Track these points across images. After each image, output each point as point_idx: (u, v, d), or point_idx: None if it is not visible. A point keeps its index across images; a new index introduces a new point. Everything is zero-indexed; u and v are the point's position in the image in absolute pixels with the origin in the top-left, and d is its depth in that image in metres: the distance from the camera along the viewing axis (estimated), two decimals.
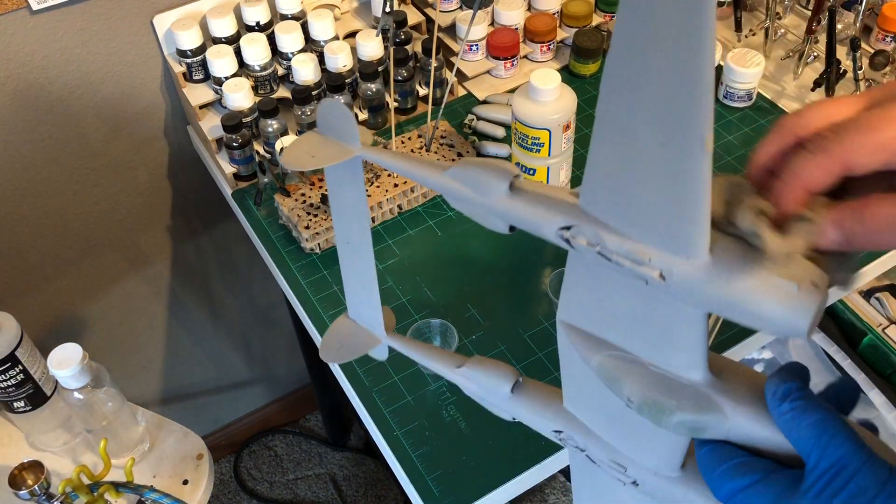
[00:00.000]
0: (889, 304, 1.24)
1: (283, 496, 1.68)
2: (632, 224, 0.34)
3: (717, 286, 0.32)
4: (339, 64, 1.02)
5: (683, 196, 0.31)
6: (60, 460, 0.89)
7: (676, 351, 0.36)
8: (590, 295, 0.38)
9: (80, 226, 1.17)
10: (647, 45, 0.28)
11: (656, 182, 0.32)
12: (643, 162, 0.31)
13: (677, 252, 0.33)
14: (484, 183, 0.40)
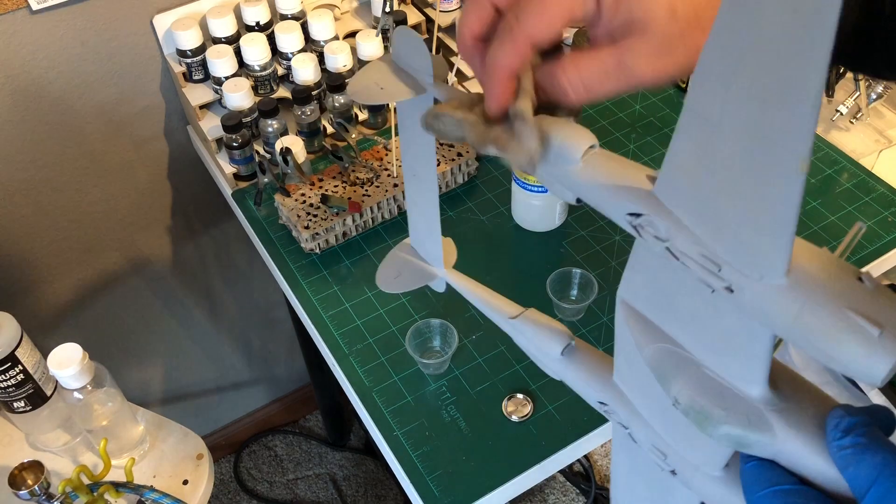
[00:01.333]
0: None
1: (283, 496, 1.68)
2: (707, 228, 0.31)
3: (789, 314, 0.29)
4: (339, 64, 1.02)
5: (769, 215, 0.28)
6: (60, 460, 0.89)
7: (736, 361, 0.33)
8: (652, 282, 0.35)
9: (80, 226, 1.17)
10: (754, 42, 0.26)
11: (740, 193, 0.29)
12: (729, 169, 0.29)
13: (752, 269, 0.30)
14: (558, 148, 0.38)
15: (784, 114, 0.26)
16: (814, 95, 0.25)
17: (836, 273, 0.29)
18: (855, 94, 1.02)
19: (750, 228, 0.29)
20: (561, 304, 0.86)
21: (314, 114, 1.01)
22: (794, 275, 0.29)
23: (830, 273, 0.29)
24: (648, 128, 1.07)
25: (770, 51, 0.25)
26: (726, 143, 0.28)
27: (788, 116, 0.26)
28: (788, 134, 0.26)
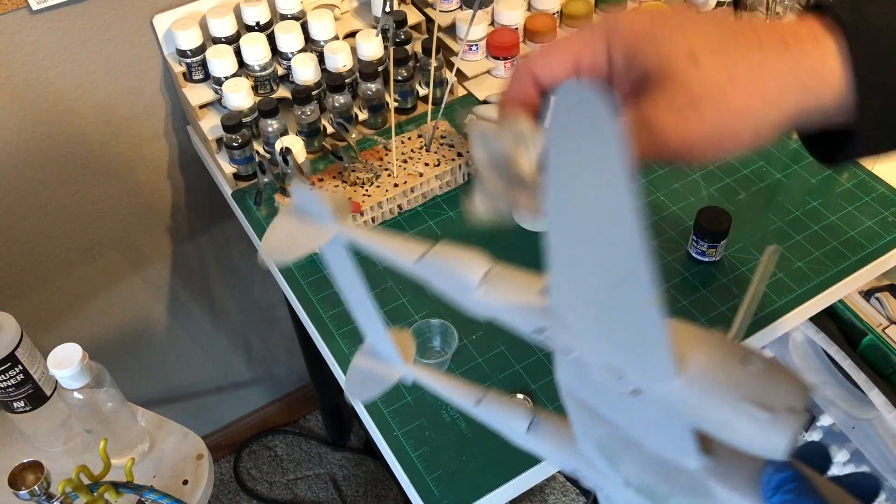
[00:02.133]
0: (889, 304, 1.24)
1: (283, 496, 1.68)
2: (598, 342, 0.34)
3: (690, 408, 0.32)
4: (338, 64, 1.02)
5: (640, 337, 0.31)
6: (60, 460, 0.89)
7: (668, 441, 0.35)
8: (579, 377, 0.37)
9: (80, 226, 1.17)
10: (580, 216, 0.29)
11: (611, 320, 0.32)
12: (596, 303, 0.32)
13: (646, 375, 0.33)
14: (454, 278, 0.39)
15: (623, 265, 0.29)
16: (636, 242, 0.28)
17: (723, 362, 0.32)
18: None
19: (630, 344, 0.32)
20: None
21: (314, 114, 1.01)
22: (688, 373, 0.32)
23: (719, 363, 0.32)
24: None
25: (595, 220, 0.29)
26: (587, 285, 0.31)
27: (628, 267, 0.29)
28: (635, 280, 0.29)
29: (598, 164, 0.27)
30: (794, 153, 1.03)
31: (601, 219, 0.29)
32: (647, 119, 0.34)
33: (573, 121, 0.26)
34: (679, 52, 0.34)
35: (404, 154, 0.99)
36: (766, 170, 1.01)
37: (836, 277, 0.89)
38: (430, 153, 0.99)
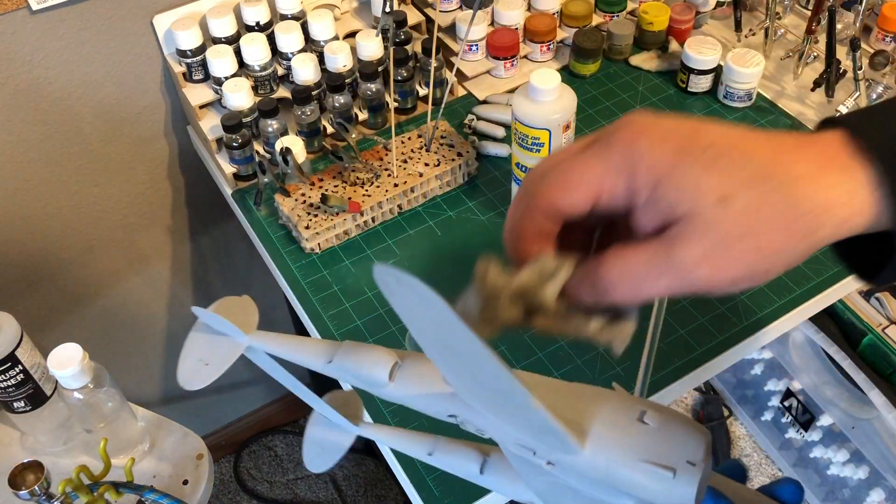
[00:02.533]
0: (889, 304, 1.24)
1: (283, 496, 1.68)
2: (503, 426, 0.36)
3: (601, 475, 0.34)
4: (338, 64, 1.02)
5: (532, 425, 0.34)
6: (60, 460, 0.89)
7: (599, 491, 0.37)
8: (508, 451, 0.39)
9: (80, 226, 1.17)
10: (440, 348, 0.32)
11: (503, 411, 0.35)
12: (483, 397, 0.35)
13: (553, 451, 0.35)
14: (366, 375, 0.41)
15: (487, 379, 0.32)
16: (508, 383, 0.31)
17: (622, 424, 0.34)
18: (855, 94, 1.02)
19: (528, 431, 0.35)
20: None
21: (314, 114, 1.01)
22: (590, 443, 0.34)
23: (618, 426, 0.34)
24: None
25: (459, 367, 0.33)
26: (472, 390, 0.35)
27: (492, 381, 0.32)
28: (502, 388, 0.32)
29: (429, 317, 0.30)
30: None
31: (452, 352, 0.32)
32: (674, 259, 0.33)
33: (401, 295, 0.30)
34: (708, 194, 0.32)
35: (404, 154, 0.99)
36: None
37: (836, 277, 0.89)
38: (430, 153, 0.99)
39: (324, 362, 0.43)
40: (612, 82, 1.14)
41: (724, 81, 1.07)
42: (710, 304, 0.87)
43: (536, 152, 0.87)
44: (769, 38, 1.12)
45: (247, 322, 0.45)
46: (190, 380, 0.44)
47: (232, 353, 0.44)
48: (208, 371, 0.44)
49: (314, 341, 0.45)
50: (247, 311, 0.44)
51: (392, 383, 0.40)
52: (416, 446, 0.46)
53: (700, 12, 1.19)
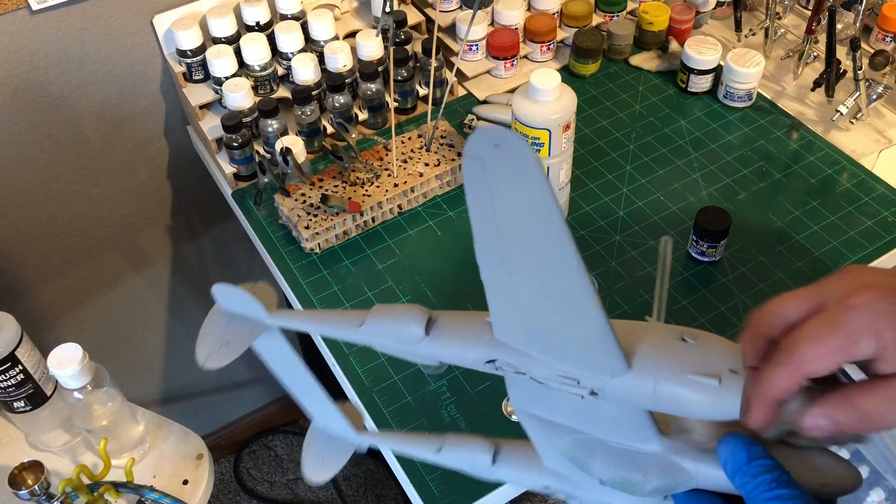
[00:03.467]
0: None
1: (283, 496, 1.68)
2: (550, 356, 0.37)
3: (647, 394, 0.35)
4: (339, 64, 1.02)
5: (587, 339, 0.34)
6: (60, 460, 0.89)
7: (629, 432, 0.38)
8: (535, 397, 0.40)
9: (80, 226, 1.17)
10: (511, 243, 0.32)
11: (558, 330, 0.35)
12: (541, 319, 0.35)
13: (601, 374, 0.36)
14: (400, 333, 0.40)
15: (560, 277, 0.32)
16: (574, 263, 0.31)
17: (666, 345, 0.35)
18: (855, 94, 1.02)
19: (580, 350, 0.35)
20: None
21: (314, 114, 1.01)
22: (636, 363, 0.35)
23: (662, 347, 0.35)
24: (648, 128, 1.07)
25: (524, 247, 0.32)
26: (530, 303, 0.34)
27: (564, 278, 0.32)
28: (572, 286, 0.32)
29: (522, 188, 0.30)
30: (793, 153, 1.03)
31: (533, 240, 0.31)
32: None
33: (494, 162, 0.29)
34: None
35: (404, 154, 0.99)
36: (766, 170, 1.01)
37: None
38: (430, 153, 0.99)
39: (355, 327, 0.42)
40: (612, 82, 1.14)
41: (724, 81, 1.07)
42: (710, 304, 0.87)
43: (536, 152, 0.87)
44: (769, 38, 1.12)
45: (268, 304, 0.44)
46: (209, 359, 0.45)
47: (253, 333, 0.44)
48: (228, 351, 0.44)
49: (340, 311, 0.44)
50: (266, 296, 0.44)
51: (428, 337, 0.40)
52: (422, 447, 0.46)
53: (700, 12, 1.19)
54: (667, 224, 0.95)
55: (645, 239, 0.94)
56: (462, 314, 0.41)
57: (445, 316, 0.41)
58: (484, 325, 0.39)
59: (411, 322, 0.40)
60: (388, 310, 0.42)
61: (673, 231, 0.94)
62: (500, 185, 0.30)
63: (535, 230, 0.31)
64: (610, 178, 1.01)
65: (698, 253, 0.90)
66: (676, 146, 1.04)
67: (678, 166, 1.02)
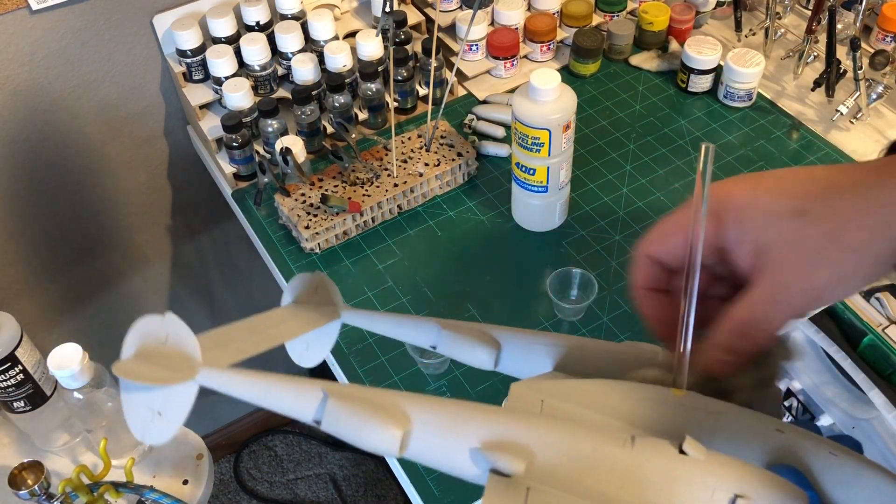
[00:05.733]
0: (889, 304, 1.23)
1: (283, 496, 1.68)
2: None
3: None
4: (338, 64, 1.02)
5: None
6: (60, 460, 0.89)
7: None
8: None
9: (80, 226, 1.17)
10: None
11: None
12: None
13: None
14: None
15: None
16: None
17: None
18: (855, 94, 1.02)
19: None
20: (561, 304, 0.86)
21: (314, 114, 1.01)
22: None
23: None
24: (648, 128, 1.07)
25: None
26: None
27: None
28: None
29: None
30: (793, 153, 1.03)
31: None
32: (774, 285, 0.35)
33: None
34: (785, 212, 0.35)
35: (404, 154, 0.99)
36: (766, 170, 1.01)
37: None
38: (430, 153, 0.99)
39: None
40: (612, 82, 1.14)
41: (724, 81, 1.07)
42: None
43: (536, 152, 0.87)
44: (769, 37, 1.12)
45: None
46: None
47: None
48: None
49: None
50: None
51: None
52: (418, 334, 0.44)
53: (700, 12, 1.19)
54: None
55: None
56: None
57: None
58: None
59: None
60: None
61: None
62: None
63: None
64: (610, 178, 1.01)
65: None
66: (676, 146, 1.04)
67: (678, 166, 1.02)
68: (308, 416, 0.37)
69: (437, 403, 0.35)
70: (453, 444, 0.34)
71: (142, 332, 0.39)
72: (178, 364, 0.38)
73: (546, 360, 0.42)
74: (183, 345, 0.38)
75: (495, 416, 0.34)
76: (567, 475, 0.33)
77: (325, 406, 0.37)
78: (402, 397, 0.36)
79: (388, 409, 0.35)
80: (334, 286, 0.46)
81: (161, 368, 0.38)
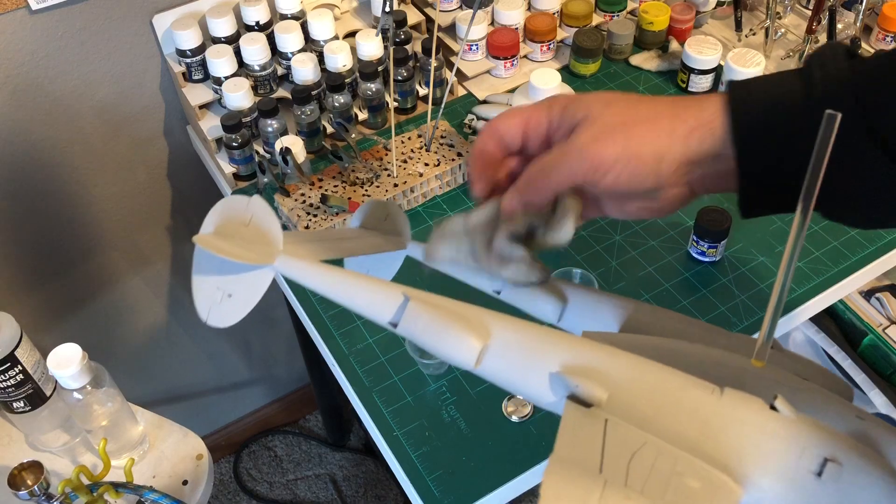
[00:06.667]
0: (889, 304, 1.24)
1: (282, 496, 1.68)
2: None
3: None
4: (338, 64, 1.02)
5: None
6: (60, 460, 0.89)
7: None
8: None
9: (80, 226, 1.17)
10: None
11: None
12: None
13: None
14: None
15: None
16: None
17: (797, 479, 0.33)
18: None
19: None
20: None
21: (314, 114, 1.01)
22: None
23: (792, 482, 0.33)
24: None
25: None
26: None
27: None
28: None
29: None
30: None
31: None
32: (572, 145, 0.44)
33: None
34: (596, 102, 0.45)
35: (404, 154, 0.99)
36: None
37: (836, 277, 0.89)
38: (429, 153, 0.99)
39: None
40: (612, 82, 1.14)
41: (724, 81, 1.07)
42: (711, 304, 0.87)
43: None
44: (769, 37, 1.12)
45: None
46: (211, 314, 0.46)
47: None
48: (232, 306, 0.45)
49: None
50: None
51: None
52: (484, 279, 0.46)
53: (700, 12, 1.18)
54: (667, 224, 0.95)
55: (645, 239, 0.94)
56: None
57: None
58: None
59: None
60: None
61: (673, 231, 0.94)
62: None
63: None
64: None
65: (698, 253, 0.90)
66: None
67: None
68: (385, 318, 0.40)
69: (521, 324, 0.36)
70: (533, 364, 0.33)
71: (225, 211, 0.41)
72: (258, 247, 0.39)
73: (612, 322, 0.41)
74: (267, 227, 0.39)
75: (579, 344, 0.34)
76: (648, 412, 0.31)
77: (404, 309, 0.37)
78: (486, 313, 0.36)
79: (470, 319, 0.35)
80: (405, 217, 0.48)
81: (242, 248, 0.39)
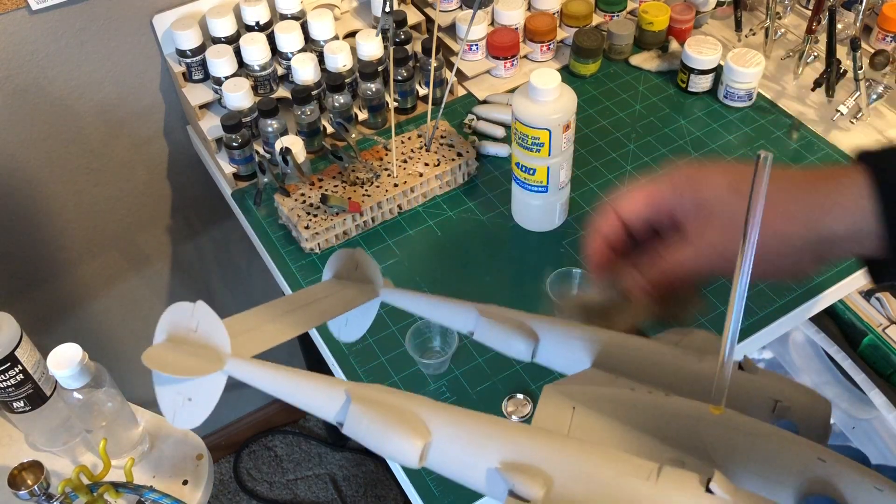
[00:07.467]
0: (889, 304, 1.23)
1: (282, 496, 1.68)
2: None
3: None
4: (338, 64, 1.02)
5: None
6: (60, 460, 0.89)
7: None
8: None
9: (80, 226, 1.17)
10: None
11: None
12: None
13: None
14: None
15: None
16: None
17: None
18: (855, 94, 1.02)
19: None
20: (561, 304, 0.86)
21: (314, 114, 1.01)
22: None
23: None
24: (648, 128, 1.07)
25: None
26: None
27: None
28: None
29: None
30: (793, 153, 1.03)
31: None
32: (706, 242, 0.44)
33: None
34: (723, 186, 0.43)
35: (404, 154, 0.99)
36: None
37: (836, 277, 0.89)
38: (430, 153, 0.99)
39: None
40: (612, 82, 1.14)
41: (724, 81, 1.07)
42: (710, 304, 0.87)
43: (536, 152, 0.87)
44: (769, 37, 1.12)
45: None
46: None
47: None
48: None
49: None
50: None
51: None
52: (456, 318, 0.46)
53: (700, 12, 1.19)
54: None
55: None
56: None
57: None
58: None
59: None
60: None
61: None
62: None
63: None
64: (610, 178, 1.01)
65: None
66: (677, 146, 1.04)
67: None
68: (331, 417, 0.39)
69: (461, 415, 0.35)
70: (473, 460, 0.34)
71: (173, 319, 0.41)
72: (207, 353, 0.39)
73: (584, 356, 0.42)
74: (212, 335, 0.40)
75: (517, 435, 0.34)
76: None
77: (347, 409, 0.37)
78: (425, 406, 0.36)
79: (409, 418, 0.35)
80: (374, 264, 0.48)
81: (190, 357, 0.39)
